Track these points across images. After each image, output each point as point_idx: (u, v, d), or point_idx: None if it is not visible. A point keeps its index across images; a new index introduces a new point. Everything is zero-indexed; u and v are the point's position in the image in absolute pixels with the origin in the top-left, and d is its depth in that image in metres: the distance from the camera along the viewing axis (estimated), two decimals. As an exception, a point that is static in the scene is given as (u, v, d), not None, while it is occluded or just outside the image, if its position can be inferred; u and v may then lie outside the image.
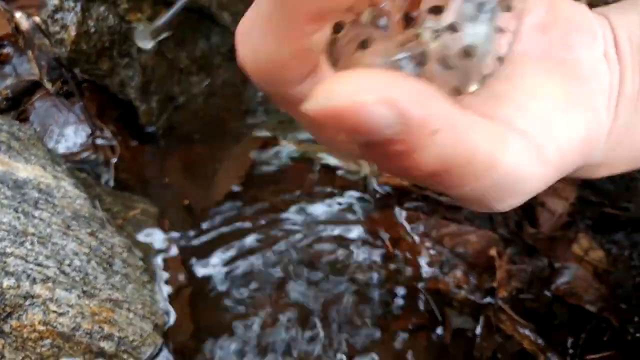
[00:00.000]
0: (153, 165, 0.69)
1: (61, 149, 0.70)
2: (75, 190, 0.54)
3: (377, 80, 0.16)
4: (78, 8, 0.59)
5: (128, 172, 0.71)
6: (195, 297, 0.55)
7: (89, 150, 0.75)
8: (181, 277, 0.56)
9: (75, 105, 0.79)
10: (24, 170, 0.52)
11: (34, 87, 0.80)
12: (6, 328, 0.44)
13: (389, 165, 0.18)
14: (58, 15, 0.60)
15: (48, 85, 0.79)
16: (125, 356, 0.49)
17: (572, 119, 0.22)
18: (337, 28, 0.19)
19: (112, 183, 0.69)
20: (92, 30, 0.60)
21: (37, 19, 0.73)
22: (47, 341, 0.46)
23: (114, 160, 0.74)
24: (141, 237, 0.60)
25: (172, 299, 0.54)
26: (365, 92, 0.15)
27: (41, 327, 0.45)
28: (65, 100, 0.79)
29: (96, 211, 0.55)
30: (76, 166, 0.68)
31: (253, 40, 0.18)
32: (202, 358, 0.52)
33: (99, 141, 0.76)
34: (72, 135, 0.74)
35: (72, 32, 0.60)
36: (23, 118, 0.77)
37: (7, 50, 0.79)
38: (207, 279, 0.57)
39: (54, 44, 0.64)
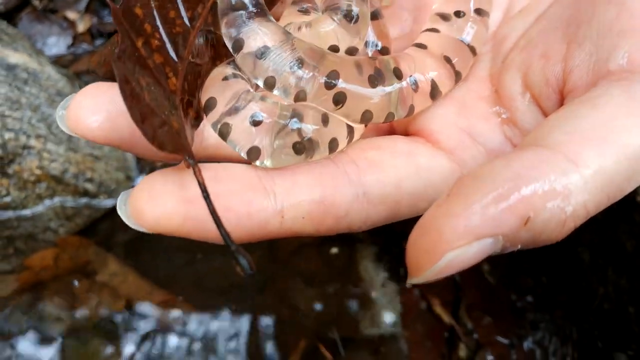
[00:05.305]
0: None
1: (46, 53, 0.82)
2: (57, 74, 0.67)
3: None
4: None
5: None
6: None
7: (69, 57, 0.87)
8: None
9: (60, 20, 0.91)
10: (14, 57, 0.64)
11: (23, 4, 0.91)
12: (10, 171, 0.58)
13: None
14: None
15: (36, 3, 0.90)
16: (103, 196, 0.63)
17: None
18: None
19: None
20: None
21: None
22: (44, 184, 0.60)
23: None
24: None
25: (139, 158, 0.68)
26: None
27: (38, 172, 0.59)
28: (51, 15, 0.91)
29: (76, 91, 0.68)
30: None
31: None
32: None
33: (79, 50, 0.88)
34: (54, 44, 0.86)
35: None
36: (12, 29, 0.88)
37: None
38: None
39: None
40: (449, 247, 0.19)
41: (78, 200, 0.62)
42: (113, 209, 0.63)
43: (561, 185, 0.19)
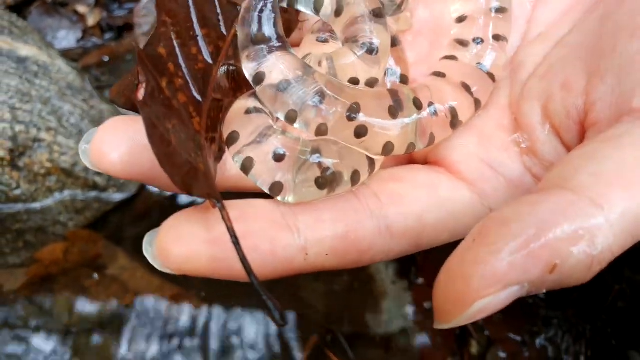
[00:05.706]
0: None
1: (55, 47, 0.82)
2: (67, 67, 0.67)
3: None
4: None
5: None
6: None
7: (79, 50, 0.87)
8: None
9: (70, 13, 0.91)
10: (24, 49, 0.64)
11: (34, -3, 0.91)
12: (20, 163, 0.58)
13: None
14: None
15: (46, -5, 0.90)
16: (113, 190, 0.63)
17: None
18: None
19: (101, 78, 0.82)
20: None
21: None
22: (54, 177, 0.60)
23: (106, 59, 0.86)
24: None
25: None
26: None
27: (48, 165, 0.59)
28: (60, 9, 0.91)
29: (86, 84, 0.68)
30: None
31: None
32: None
33: (89, 44, 0.88)
34: (64, 38, 0.86)
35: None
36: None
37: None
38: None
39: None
40: (478, 296, 0.19)
41: (88, 193, 0.62)
42: (123, 203, 0.63)
43: (587, 231, 0.19)
